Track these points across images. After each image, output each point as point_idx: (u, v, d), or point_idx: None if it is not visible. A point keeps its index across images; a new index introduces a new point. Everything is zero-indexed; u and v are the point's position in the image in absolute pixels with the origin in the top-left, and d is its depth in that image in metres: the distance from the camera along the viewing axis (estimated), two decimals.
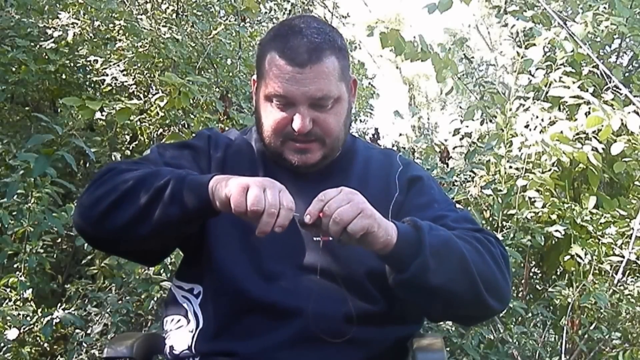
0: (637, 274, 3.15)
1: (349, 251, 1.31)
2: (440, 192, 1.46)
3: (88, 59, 3.56)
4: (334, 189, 1.14)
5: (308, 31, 1.30)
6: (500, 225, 2.94)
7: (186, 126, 3.27)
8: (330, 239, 1.27)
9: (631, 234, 2.92)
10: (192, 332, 1.34)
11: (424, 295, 1.24)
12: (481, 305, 1.26)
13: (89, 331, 2.70)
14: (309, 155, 1.33)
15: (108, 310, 2.70)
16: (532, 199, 3.00)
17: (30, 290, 2.71)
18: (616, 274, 2.95)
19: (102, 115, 2.99)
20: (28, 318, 2.58)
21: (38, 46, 3.37)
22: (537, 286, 3.34)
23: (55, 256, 3.18)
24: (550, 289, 3.05)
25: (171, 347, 1.37)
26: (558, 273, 3.28)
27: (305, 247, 1.33)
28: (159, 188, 1.20)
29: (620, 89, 3.12)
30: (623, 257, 2.92)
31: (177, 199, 1.18)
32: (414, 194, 1.41)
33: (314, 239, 1.32)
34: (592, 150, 2.95)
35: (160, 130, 3.36)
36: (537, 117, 3.05)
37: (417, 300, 1.27)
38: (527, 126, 3.05)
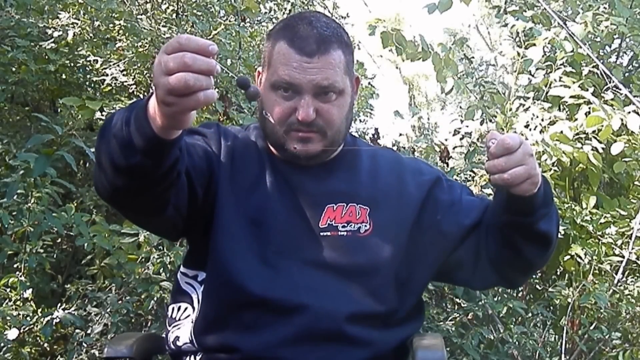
0: (637, 274, 3.16)
1: (357, 248, 1.33)
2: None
3: (88, 59, 3.56)
4: (517, 137, 1.15)
5: (317, 24, 1.33)
6: None
7: None
8: (339, 234, 1.33)
9: (631, 234, 2.92)
10: (193, 322, 1.34)
11: (526, 239, 1.29)
12: (546, 261, 1.39)
13: (89, 331, 2.70)
14: (310, 145, 1.32)
15: (108, 310, 2.70)
16: None
17: (30, 290, 2.71)
18: (616, 274, 2.95)
19: (102, 115, 2.99)
20: (28, 318, 2.58)
21: (38, 46, 3.36)
22: (537, 286, 3.34)
23: (55, 256, 3.18)
24: (550, 289, 3.06)
25: (176, 338, 1.36)
26: (558, 273, 3.28)
27: (313, 243, 1.33)
28: (111, 149, 1.10)
29: (620, 89, 3.12)
30: (623, 257, 2.92)
31: (132, 150, 1.07)
32: (442, 190, 1.43)
33: (321, 233, 1.33)
34: (592, 150, 2.95)
35: None
36: (537, 117, 3.05)
37: (517, 242, 1.30)
38: (527, 126, 3.05)
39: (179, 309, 1.39)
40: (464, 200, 1.42)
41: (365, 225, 1.34)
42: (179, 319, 1.38)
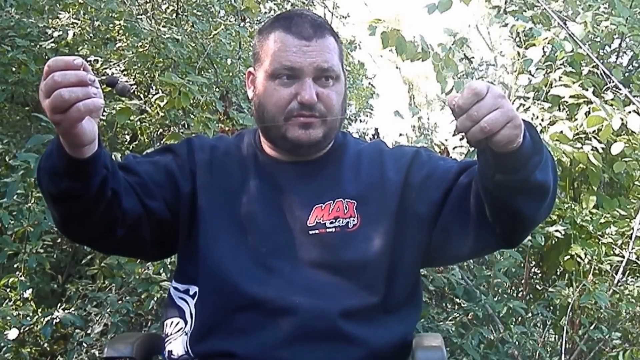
0: (637, 274, 3.16)
1: (346, 244, 1.32)
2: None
3: (88, 59, 3.56)
4: (483, 82, 1.03)
5: (307, 13, 1.38)
6: None
7: (186, 126, 3.26)
8: (327, 231, 1.31)
9: (631, 234, 2.92)
10: (187, 333, 1.34)
11: (524, 195, 1.16)
12: (548, 211, 1.26)
13: (89, 331, 2.70)
14: (311, 131, 1.33)
15: (108, 310, 2.70)
16: None
17: (30, 290, 2.70)
18: (616, 274, 2.95)
19: (102, 115, 2.99)
20: (28, 318, 2.58)
21: (38, 46, 3.36)
22: (537, 286, 3.34)
23: (55, 256, 3.18)
24: (550, 289, 3.06)
25: (170, 352, 1.37)
26: (558, 273, 3.28)
27: (301, 242, 1.33)
28: (45, 185, 1.20)
29: (620, 89, 3.12)
30: (623, 257, 2.92)
31: (58, 177, 1.15)
32: (419, 166, 1.39)
33: (309, 232, 1.33)
34: (592, 150, 2.95)
35: (160, 130, 3.36)
36: (537, 117, 3.05)
37: (514, 200, 1.17)
38: None
39: (171, 324, 1.39)
40: (441, 169, 1.35)
41: (354, 220, 1.34)
42: (171, 334, 1.38)
